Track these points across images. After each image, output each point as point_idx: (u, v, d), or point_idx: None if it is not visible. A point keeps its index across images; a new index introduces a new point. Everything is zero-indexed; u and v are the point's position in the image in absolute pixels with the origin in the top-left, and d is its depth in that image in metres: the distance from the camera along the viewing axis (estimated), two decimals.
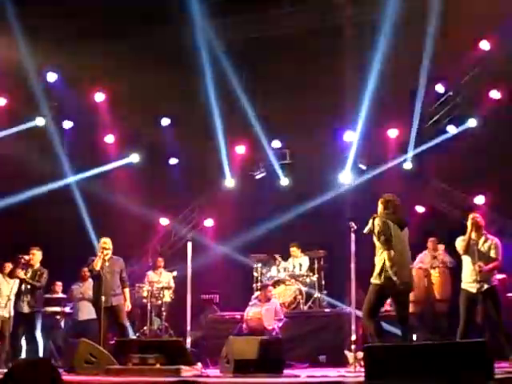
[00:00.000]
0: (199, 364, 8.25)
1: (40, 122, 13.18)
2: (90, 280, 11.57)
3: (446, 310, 10.49)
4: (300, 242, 11.99)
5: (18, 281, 10.22)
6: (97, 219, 12.99)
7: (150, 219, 13.76)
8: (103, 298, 9.24)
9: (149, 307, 11.45)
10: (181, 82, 12.43)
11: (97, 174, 13.51)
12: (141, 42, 12.69)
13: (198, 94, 12.77)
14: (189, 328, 9.09)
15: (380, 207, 7.67)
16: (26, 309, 10.04)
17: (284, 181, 13.89)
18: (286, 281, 11.44)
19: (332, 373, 7.69)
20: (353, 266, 8.09)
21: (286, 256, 11.97)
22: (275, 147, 13.87)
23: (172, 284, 12.04)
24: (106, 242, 9.67)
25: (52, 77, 12.73)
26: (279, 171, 13.91)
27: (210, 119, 13.00)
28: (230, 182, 14.05)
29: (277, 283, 11.38)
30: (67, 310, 11.81)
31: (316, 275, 11.60)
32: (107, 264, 9.49)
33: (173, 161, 14.34)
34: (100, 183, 13.33)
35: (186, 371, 7.69)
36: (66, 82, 12.79)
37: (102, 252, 9.50)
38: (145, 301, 11.66)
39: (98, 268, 9.42)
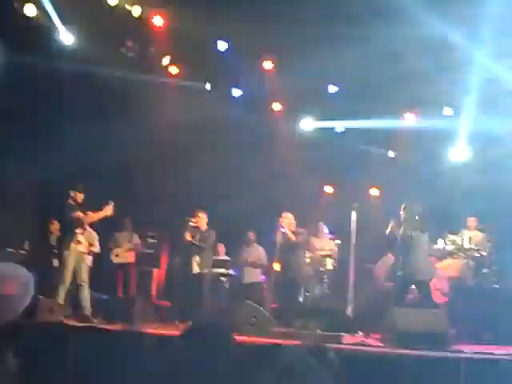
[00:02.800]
0: (360, 333, 8.18)
1: (208, 87, 13.49)
2: (256, 245, 11.89)
3: None
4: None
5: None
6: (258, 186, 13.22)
7: (314, 186, 13.78)
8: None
9: (311, 273, 11.49)
10: (350, 53, 12.17)
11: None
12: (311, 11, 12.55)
13: (366, 62, 12.44)
14: (351, 296, 9.04)
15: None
16: (195, 269, 10.47)
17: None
18: (453, 254, 11.01)
19: (499, 351, 7.31)
20: None
21: (452, 229, 11.48)
22: None
23: (336, 251, 12.00)
24: (289, 217, 9.99)
25: (222, 45, 12.95)
26: None
27: (374, 88, 12.68)
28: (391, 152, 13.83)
29: (443, 256, 11.00)
30: (232, 272, 12.16)
31: (487, 250, 11.04)
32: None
33: (339, 128, 14.25)
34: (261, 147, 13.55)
35: (347, 339, 7.65)
36: (236, 51, 12.97)
37: (280, 225, 9.87)
38: (308, 267, 11.71)
39: (278, 239, 9.81)
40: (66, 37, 11.84)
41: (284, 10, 11.73)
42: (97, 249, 10.96)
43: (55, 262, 10.77)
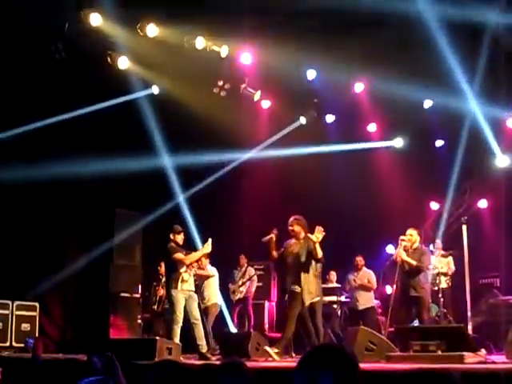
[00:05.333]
0: (483, 350, 7.86)
1: (303, 120, 13.74)
2: (365, 269, 11.72)
3: None
4: None
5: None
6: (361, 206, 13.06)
7: (419, 204, 13.47)
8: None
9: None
10: (435, 65, 11.91)
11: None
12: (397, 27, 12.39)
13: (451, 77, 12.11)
14: (469, 314, 8.74)
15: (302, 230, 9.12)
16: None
17: None
18: None
19: None
20: None
21: None
22: None
23: (452, 267, 11.66)
24: (412, 234, 9.76)
25: (311, 74, 12.99)
26: None
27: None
28: (501, 160, 13.27)
29: None
30: (343, 298, 12.01)
31: None
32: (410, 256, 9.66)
33: (439, 143, 13.94)
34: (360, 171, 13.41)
35: (470, 358, 7.37)
36: (325, 77, 12.97)
37: (400, 244, 9.63)
38: None
39: (398, 259, 9.57)
40: (157, 86, 12.26)
41: (370, 34, 11.69)
42: None
43: (167, 304, 11.02)
